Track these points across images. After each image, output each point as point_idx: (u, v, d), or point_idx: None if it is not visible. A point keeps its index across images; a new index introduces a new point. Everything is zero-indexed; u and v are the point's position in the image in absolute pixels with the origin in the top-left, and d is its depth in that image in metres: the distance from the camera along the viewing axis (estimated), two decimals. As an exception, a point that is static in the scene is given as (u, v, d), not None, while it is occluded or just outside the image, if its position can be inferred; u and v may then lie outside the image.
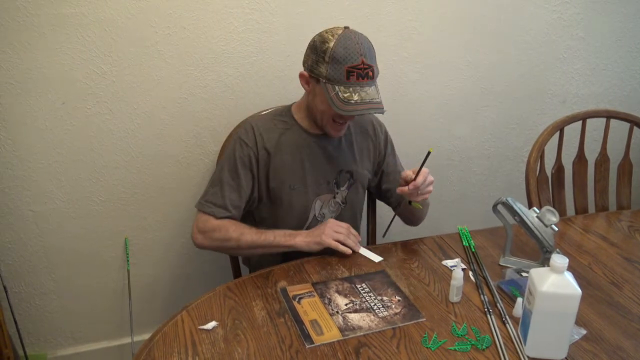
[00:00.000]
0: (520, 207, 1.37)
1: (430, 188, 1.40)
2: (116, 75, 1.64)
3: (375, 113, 1.35)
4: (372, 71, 1.35)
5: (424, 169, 1.37)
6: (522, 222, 1.37)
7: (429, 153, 1.33)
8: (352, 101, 1.32)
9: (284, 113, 1.54)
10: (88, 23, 1.56)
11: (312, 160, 1.48)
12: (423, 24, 1.92)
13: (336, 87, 1.33)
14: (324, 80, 1.35)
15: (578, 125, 1.86)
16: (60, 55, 1.57)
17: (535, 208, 1.39)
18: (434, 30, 1.95)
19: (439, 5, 1.91)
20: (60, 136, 1.65)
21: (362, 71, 1.33)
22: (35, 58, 1.55)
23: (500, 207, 1.40)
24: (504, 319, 1.20)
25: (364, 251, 1.45)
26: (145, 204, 1.81)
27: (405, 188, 1.36)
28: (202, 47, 1.69)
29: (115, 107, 1.67)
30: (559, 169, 1.86)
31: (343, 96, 1.33)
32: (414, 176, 1.35)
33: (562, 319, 1.05)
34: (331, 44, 1.33)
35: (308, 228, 1.52)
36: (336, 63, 1.33)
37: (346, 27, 1.38)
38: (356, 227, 1.61)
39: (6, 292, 1.74)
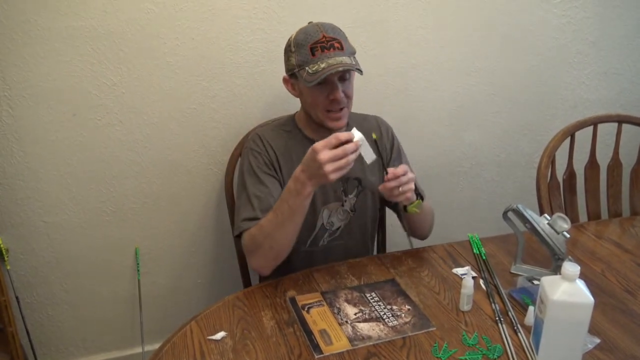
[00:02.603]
0: (531, 214, 1.36)
1: (411, 185, 1.31)
2: (126, 86, 1.65)
3: (344, 70, 1.33)
4: (339, 43, 1.35)
5: (402, 165, 1.30)
6: (533, 229, 1.35)
7: (375, 140, 1.29)
8: (319, 70, 1.32)
9: (287, 122, 1.54)
10: (98, 35, 1.58)
11: None
12: (431, 30, 1.91)
13: (306, 68, 1.34)
14: (296, 70, 1.37)
15: (589, 130, 1.84)
16: (70, 67, 1.59)
17: (546, 215, 1.37)
18: (443, 37, 1.94)
19: (447, 11, 1.91)
20: (71, 147, 1.67)
21: (326, 43, 1.34)
22: (46, 70, 1.57)
23: (510, 214, 1.38)
24: (515, 327, 1.19)
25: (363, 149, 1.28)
26: (155, 213, 1.82)
27: (386, 184, 1.28)
28: (211, 57, 1.70)
29: (125, 117, 1.68)
30: (570, 174, 1.84)
31: (312, 70, 1.33)
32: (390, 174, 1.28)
33: (575, 327, 1.03)
34: (293, 36, 1.40)
35: (316, 237, 1.51)
36: (300, 47, 1.36)
37: (310, 22, 1.41)
38: (366, 236, 1.60)
39: (18, 302, 1.75)
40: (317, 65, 1.33)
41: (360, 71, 1.35)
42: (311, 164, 1.23)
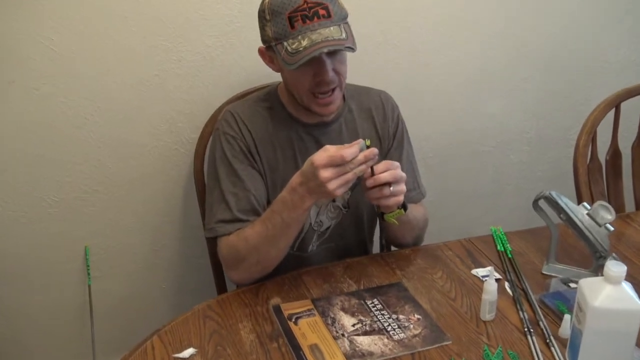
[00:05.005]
0: (567, 202, 1.36)
1: (402, 187, 1.30)
2: (71, 49, 1.62)
3: (332, 50, 1.30)
4: (326, 10, 1.31)
5: (388, 160, 1.30)
6: (569, 220, 1.36)
7: (367, 146, 1.25)
8: (301, 48, 1.29)
9: (269, 96, 1.52)
10: (35, -16, 1.55)
11: (306, 156, 1.44)
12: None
13: (284, 44, 1.31)
14: (273, 44, 1.34)
15: (638, 100, 1.84)
16: (5, 27, 1.56)
17: (585, 203, 1.38)
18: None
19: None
20: (5, 123, 1.65)
21: (308, 11, 1.30)
22: (-26, 30, 1.55)
23: (542, 203, 1.38)
24: (548, 340, 1.19)
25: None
26: (109, 204, 1.81)
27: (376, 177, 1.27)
28: (175, 12, 1.68)
29: (71, 87, 1.66)
30: (614, 154, 1.84)
31: (291, 49, 1.30)
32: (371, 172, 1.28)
33: (620, 339, 1.03)
34: None
35: (303, 241, 1.51)
36: (276, 15, 1.32)
37: None
38: (363, 236, 1.60)
39: (-59, 313, 1.74)
40: (298, 42, 1.30)
41: (351, 49, 1.32)
42: (311, 178, 1.24)
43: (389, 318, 1.25)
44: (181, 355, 1.16)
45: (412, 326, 1.23)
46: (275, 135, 1.47)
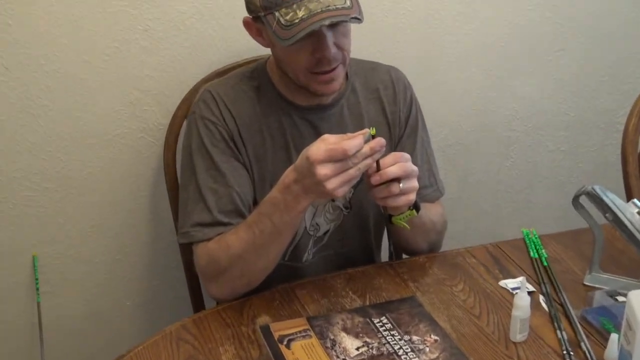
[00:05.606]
0: (614, 198, 1.36)
1: (414, 184, 1.30)
2: (12, 15, 1.62)
3: (335, 21, 1.29)
4: None
5: (397, 152, 1.30)
6: (616, 221, 1.36)
7: (372, 136, 1.25)
8: (297, 20, 1.28)
9: (256, 74, 1.52)
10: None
11: (301, 146, 1.44)
12: None
13: (276, 14, 1.31)
14: (262, 14, 1.34)
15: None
16: None
17: (636, 200, 1.38)
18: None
19: None
20: None
21: None
22: None
23: (584, 200, 1.39)
24: (591, 365, 1.20)
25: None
26: (61, 204, 1.81)
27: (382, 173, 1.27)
28: (140, -30, 1.68)
29: (13, 62, 1.66)
30: (671, 141, 1.84)
31: (285, 20, 1.29)
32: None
33: (678, 364, 1.04)
34: None
35: (297, 249, 1.52)
36: None
37: None
38: (368, 241, 1.61)
39: None
40: (293, 12, 1.29)
41: (358, 20, 1.31)
42: (307, 175, 1.23)
43: (400, 340, 1.25)
44: (150, 385, 1.17)
45: (428, 349, 1.23)
46: (264, 121, 1.47)
